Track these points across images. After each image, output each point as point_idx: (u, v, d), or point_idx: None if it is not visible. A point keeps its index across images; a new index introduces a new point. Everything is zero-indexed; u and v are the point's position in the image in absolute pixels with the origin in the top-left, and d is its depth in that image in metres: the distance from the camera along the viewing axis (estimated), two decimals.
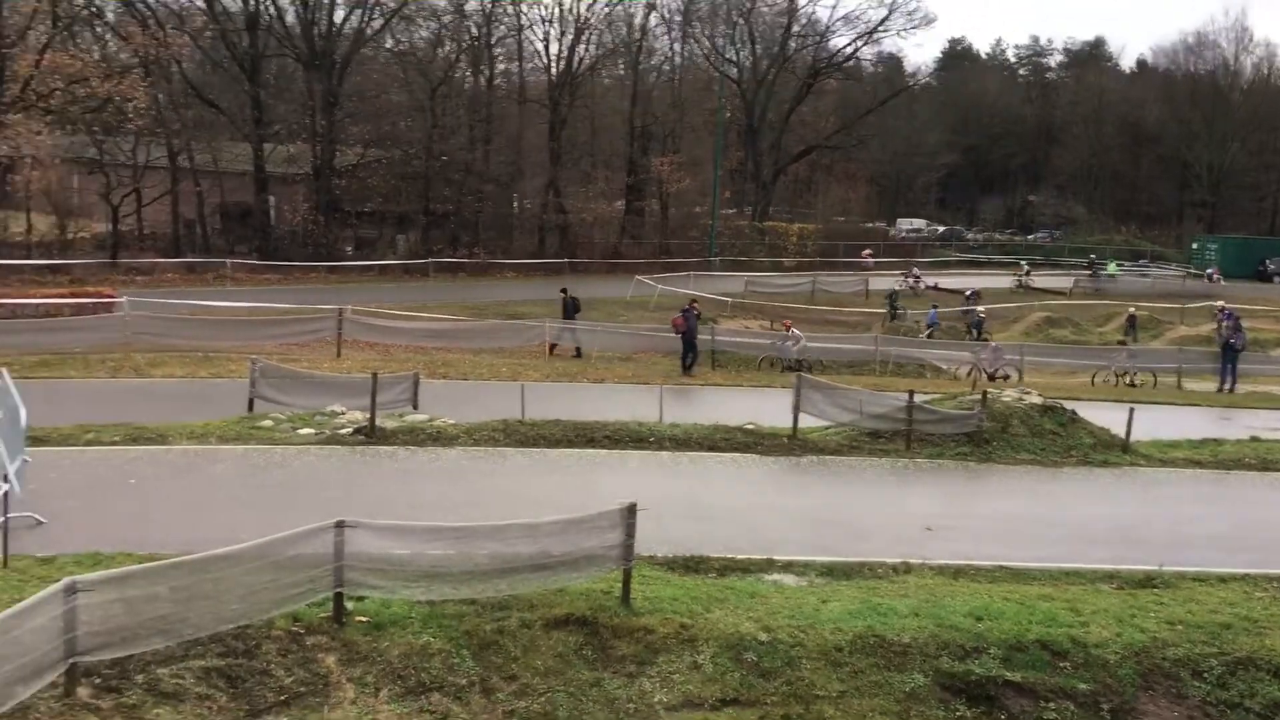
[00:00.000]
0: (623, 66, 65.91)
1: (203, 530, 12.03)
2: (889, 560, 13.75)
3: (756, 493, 16.80)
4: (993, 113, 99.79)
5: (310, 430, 17.85)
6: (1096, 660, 11.51)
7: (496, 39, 59.07)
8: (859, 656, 11.20)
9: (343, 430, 17.76)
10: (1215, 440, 21.69)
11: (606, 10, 60.83)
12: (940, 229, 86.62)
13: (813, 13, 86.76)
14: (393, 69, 56.33)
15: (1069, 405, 21.49)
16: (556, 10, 58.99)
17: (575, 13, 58.47)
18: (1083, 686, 11.25)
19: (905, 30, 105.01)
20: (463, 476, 16.25)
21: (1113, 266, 67.54)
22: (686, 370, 29.31)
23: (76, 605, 8.77)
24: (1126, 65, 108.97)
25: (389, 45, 56.49)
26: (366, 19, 52.29)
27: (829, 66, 77.07)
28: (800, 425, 19.61)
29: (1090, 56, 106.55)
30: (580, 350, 31.81)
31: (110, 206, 44.87)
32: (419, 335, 30.80)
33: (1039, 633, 11.72)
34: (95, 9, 47.64)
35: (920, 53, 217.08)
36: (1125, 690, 11.33)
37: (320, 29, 51.31)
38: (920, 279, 55.59)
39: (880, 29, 75.31)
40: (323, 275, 45.67)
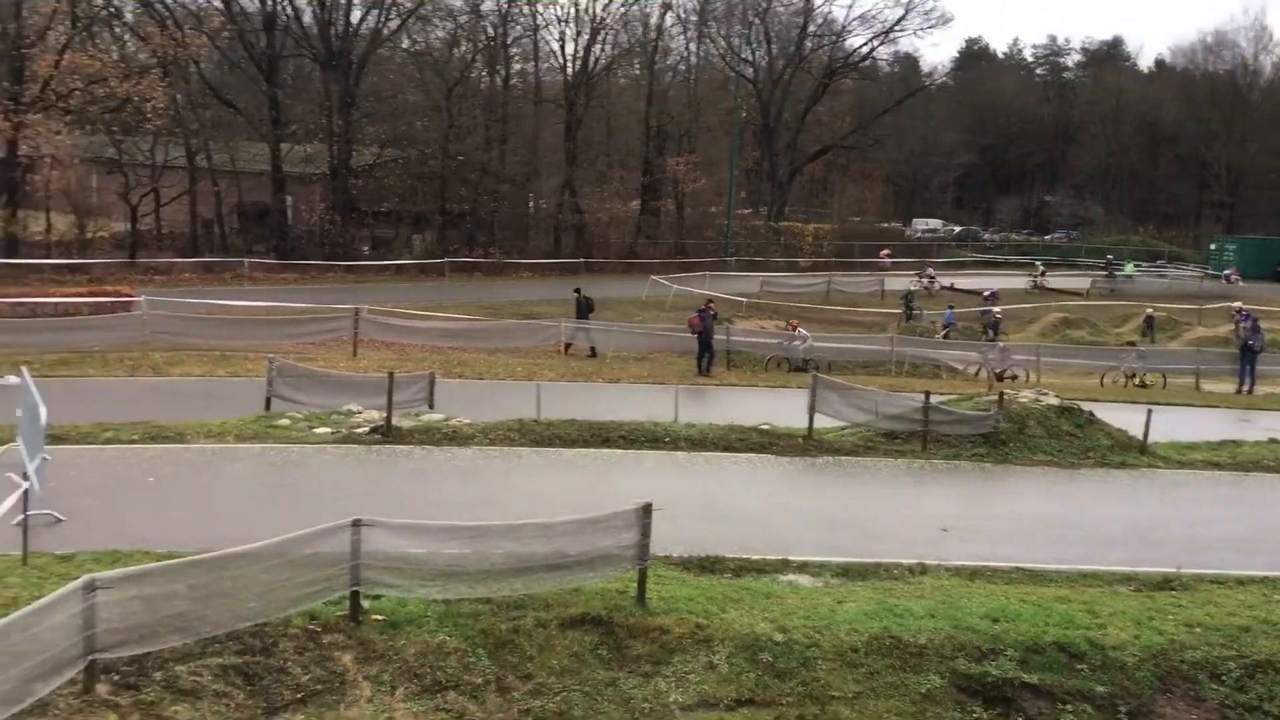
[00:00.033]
0: (638, 66, 65.92)
1: (220, 528, 12.12)
2: (905, 561, 13.75)
3: (772, 493, 16.80)
4: (1009, 112, 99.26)
5: (327, 429, 17.94)
6: (1114, 662, 11.47)
7: (512, 39, 59.20)
8: (875, 657, 11.19)
9: (359, 429, 17.84)
10: (1234, 442, 21.60)
11: (622, 10, 60.99)
12: (956, 229, 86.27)
13: (829, 12, 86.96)
14: (409, 69, 56.44)
15: (1085, 407, 21.42)
16: (572, 10, 59.22)
17: (591, 13, 58.66)
18: (1100, 689, 11.21)
19: (922, 30, 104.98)
20: (478, 476, 16.28)
21: (1130, 267, 67.16)
22: (702, 371, 29.26)
23: (96, 602, 8.83)
24: (1144, 65, 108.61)
25: (405, 45, 56.64)
26: (383, 19, 52.48)
27: (845, 66, 76.90)
28: (816, 426, 19.60)
29: (1108, 56, 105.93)
30: (595, 350, 31.81)
31: (129, 206, 45.07)
32: (435, 335, 30.85)
33: (1056, 634, 11.69)
34: (114, 9, 48.00)
35: (937, 52, 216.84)
36: (1143, 693, 11.29)
37: (337, 29, 51.48)
38: (935, 279, 55.39)
39: (897, 28, 75.19)
40: (339, 275, 45.82)
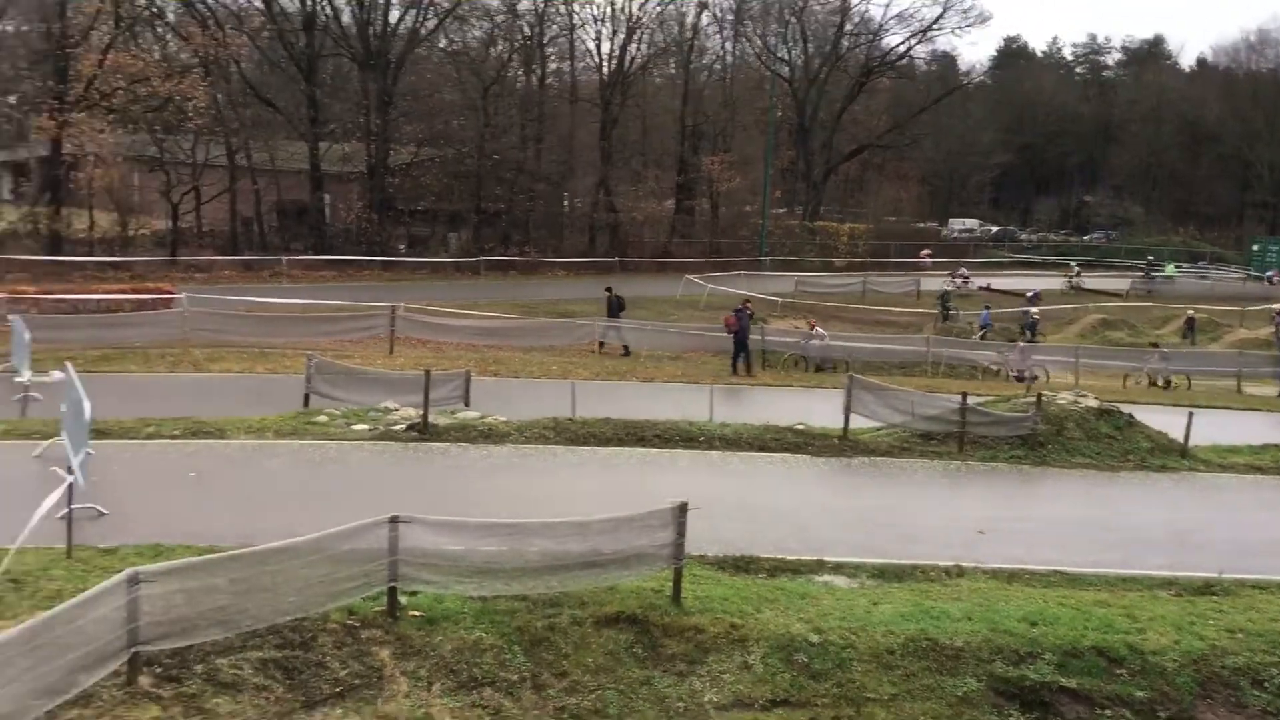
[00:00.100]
0: (674, 65, 65.82)
1: (260, 523, 12.26)
2: (941, 563, 13.69)
3: (807, 493, 16.77)
4: (1048, 111, 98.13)
5: (364, 426, 18.07)
6: (1154, 667, 11.36)
7: (549, 38, 59.33)
8: (911, 659, 11.15)
9: (396, 426, 17.97)
10: (1277, 446, 21.28)
11: (658, 9, 60.96)
12: (993, 229, 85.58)
13: (866, 11, 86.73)
14: (446, 68, 56.66)
15: (1123, 409, 21.22)
16: (608, 9, 59.21)
17: (627, 12, 58.66)
18: (1140, 694, 11.11)
19: (960, 28, 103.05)
20: (514, 473, 16.36)
21: (1171, 268, 66.34)
22: (736, 371, 29.23)
23: (139, 595, 8.95)
24: (1186, 64, 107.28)
25: (443, 45, 56.79)
26: (421, 19, 52.70)
27: (882, 65, 76.49)
28: (851, 426, 19.55)
29: (1149, 55, 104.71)
30: (628, 348, 31.85)
31: (170, 204, 45.56)
32: (470, 333, 30.97)
33: (1095, 639, 11.59)
34: (156, 10, 48.57)
35: (975, 51, 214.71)
36: (1183, 698, 11.18)
37: (375, 29, 51.80)
38: (968, 279, 55.00)
39: (934, 27, 74.56)
40: (376, 272, 46.13)
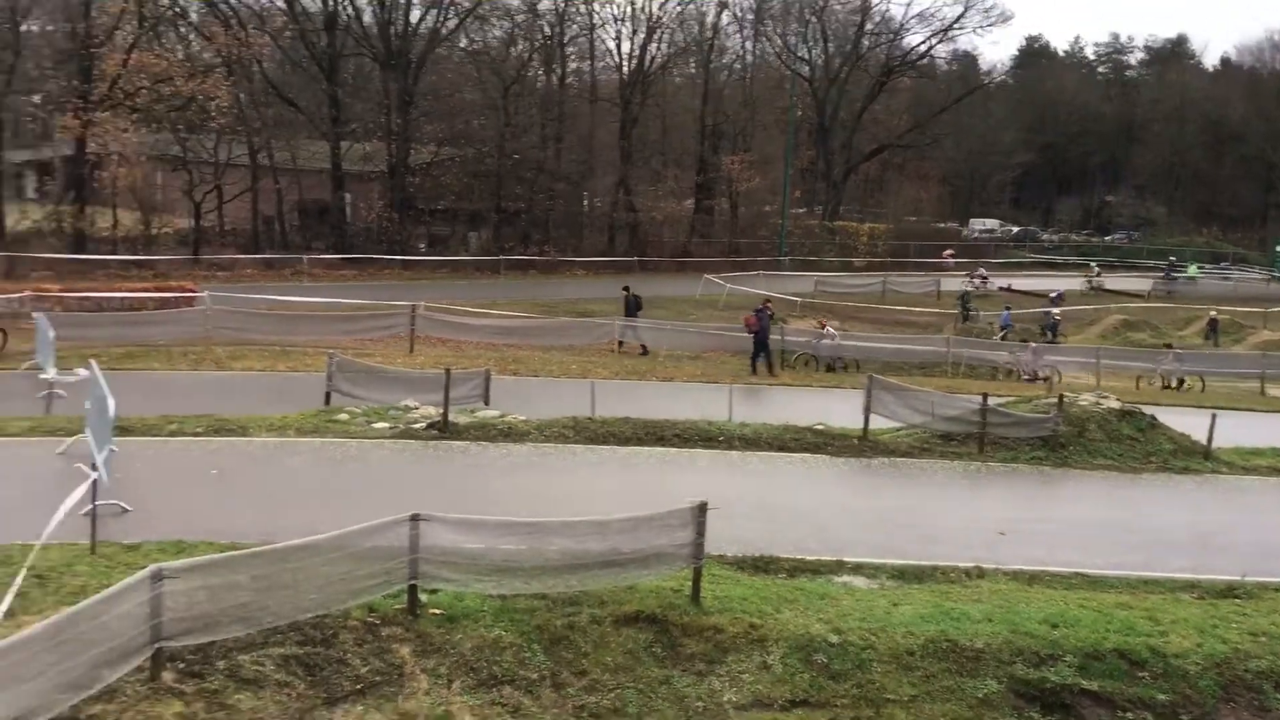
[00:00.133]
0: (694, 65, 65.85)
1: (281, 520, 12.32)
2: (961, 564, 13.65)
3: (826, 493, 16.74)
4: (1070, 111, 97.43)
5: (385, 424, 18.15)
6: (1176, 670, 11.31)
7: (569, 38, 59.37)
8: (931, 661, 11.12)
9: (416, 425, 18.04)
10: None
11: (679, 9, 60.92)
12: (1014, 229, 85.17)
13: (886, 10, 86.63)
14: (466, 68, 56.84)
15: (1146, 410, 21.10)
16: (629, 9, 59.24)
17: (647, 12, 58.69)
18: (1162, 697, 11.06)
19: (981, 28, 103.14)
20: (533, 472, 16.39)
21: (1193, 269, 65.92)
22: (755, 371, 29.20)
23: (162, 591, 9.01)
24: (1210, 63, 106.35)
25: (463, 44, 57.02)
26: (442, 19, 52.91)
27: (902, 64, 76.30)
28: (871, 426, 19.50)
29: (1172, 54, 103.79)
30: (646, 348, 31.85)
31: (193, 203, 45.84)
32: (490, 332, 31.05)
33: (1116, 641, 11.54)
34: (179, 9, 48.91)
35: (996, 50, 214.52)
36: (1205, 702, 11.12)
37: (396, 29, 52.01)
38: (987, 279, 54.79)
39: (955, 26, 74.38)
40: (396, 271, 46.34)
